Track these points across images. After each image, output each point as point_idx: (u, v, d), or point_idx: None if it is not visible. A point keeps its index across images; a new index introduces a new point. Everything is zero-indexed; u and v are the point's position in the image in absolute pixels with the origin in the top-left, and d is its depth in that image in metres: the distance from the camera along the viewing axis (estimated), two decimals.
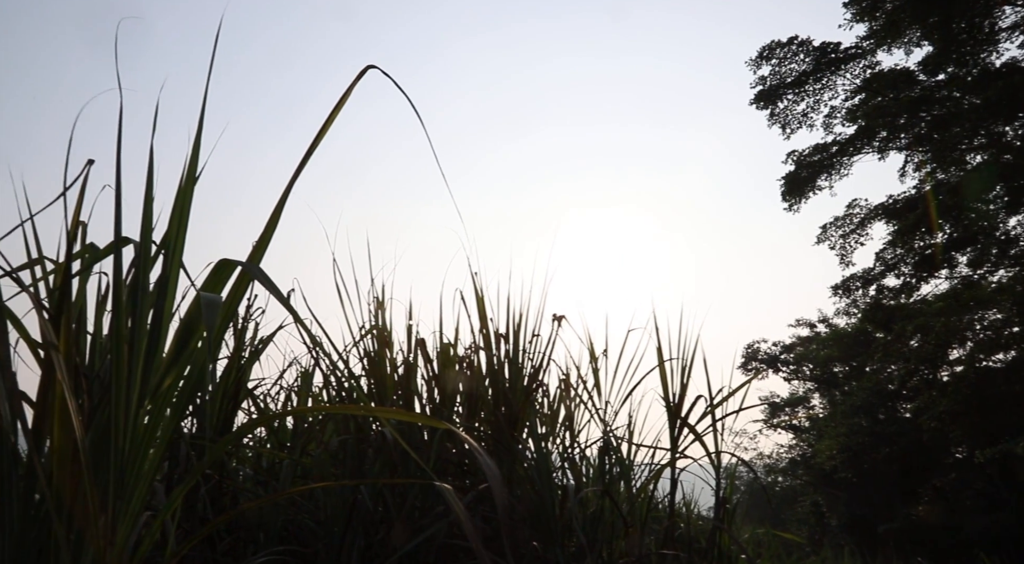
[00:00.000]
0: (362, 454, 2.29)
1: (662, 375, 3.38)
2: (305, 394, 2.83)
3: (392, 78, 0.95)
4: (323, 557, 2.15)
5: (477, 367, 2.74)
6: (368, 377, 2.50)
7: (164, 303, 1.00)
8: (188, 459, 1.77)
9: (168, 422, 1.02)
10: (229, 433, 2.42)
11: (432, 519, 2.43)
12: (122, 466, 0.98)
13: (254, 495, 2.23)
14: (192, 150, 1.03)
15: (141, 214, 1.06)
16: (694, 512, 5.26)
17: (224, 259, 1.01)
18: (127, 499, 0.98)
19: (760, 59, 15.92)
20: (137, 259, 1.05)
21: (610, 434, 3.22)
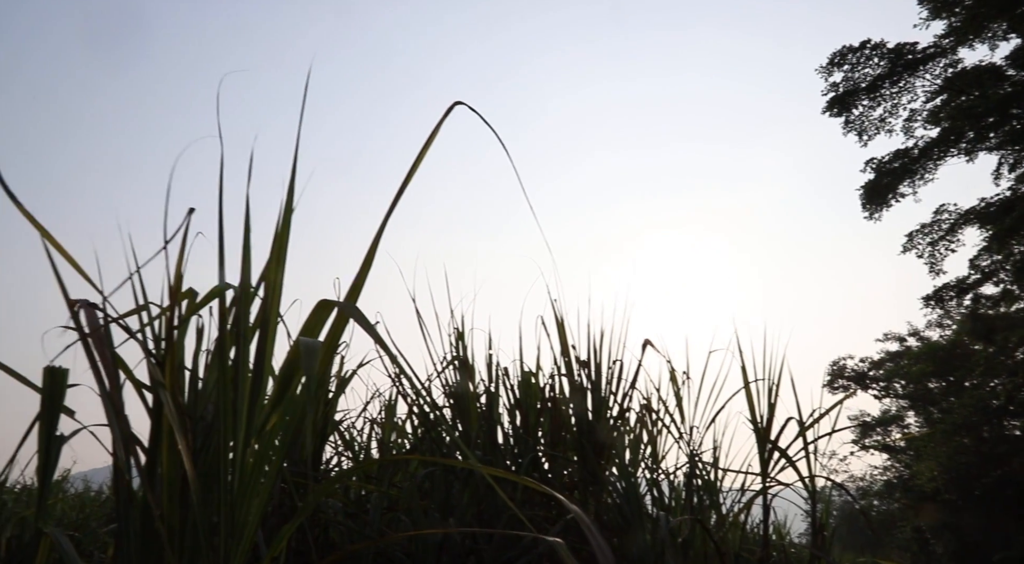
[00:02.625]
0: (448, 485, 2.29)
1: (748, 397, 3.26)
2: (389, 425, 2.86)
3: (480, 115, 0.96)
4: None
5: (560, 395, 2.71)
6: (452, 408, 2.51)
7: (265, 345, 1.03)
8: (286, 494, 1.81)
9: (275, 461, 1.05)
10: (319, 466, 2.48)
11: (520, 551, 2.40)
12: (232, 505, 1.00)
13: (345, 528, 2.26)
14: (287, 196, 1.06)
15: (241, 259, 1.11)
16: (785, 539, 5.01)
17: (323, 300, 1.04)
18: (237, 536, 1.00)
19: (831, 65, 15.42)
20: (237, 302, 1.08)
21: (696, 459, 3.12)
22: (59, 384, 1.21)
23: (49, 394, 1.20)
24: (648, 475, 3.06)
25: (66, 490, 4.50)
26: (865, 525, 15.79)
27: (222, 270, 1.08)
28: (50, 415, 1.20)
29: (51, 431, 1.20)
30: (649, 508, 2.94)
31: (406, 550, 2.36)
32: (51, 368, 1.20)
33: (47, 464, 1.20)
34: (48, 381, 1.20)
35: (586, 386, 2.71)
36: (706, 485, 3.12)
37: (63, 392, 1.22)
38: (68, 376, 1.23)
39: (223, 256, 1.08)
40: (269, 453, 1.05)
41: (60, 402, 1.21)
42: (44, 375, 1.20)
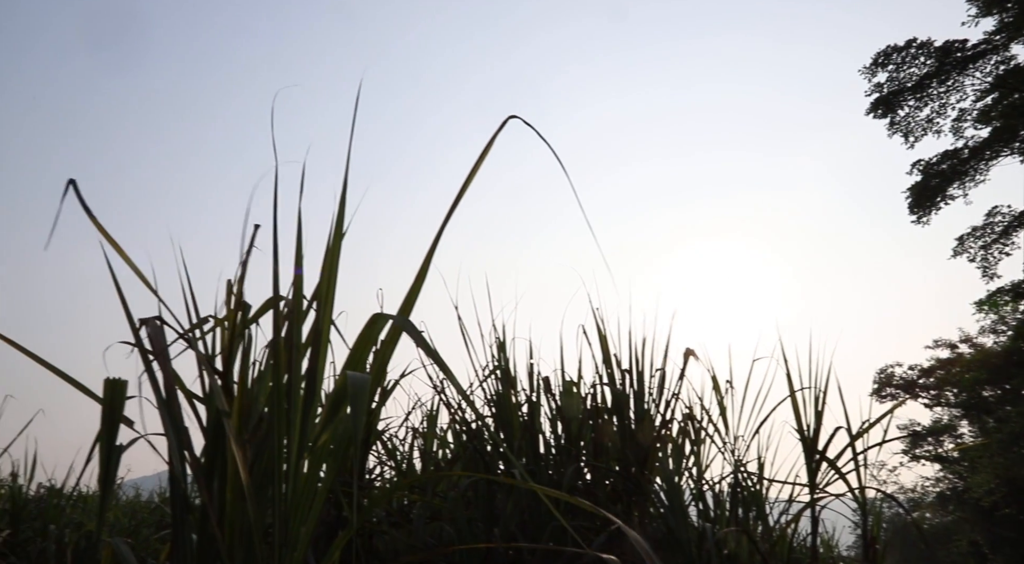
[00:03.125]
0: (491, 495, 2.29)
1: (794, 406, 3.19)
2: (431, 435, 2.88)
3: (536, 130, 0.96)
4: None
5: (602, 404, 2.69)
6: (494, 417, 2.51)
7: (318, 357, 1.05)
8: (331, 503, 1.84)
9: (327, 475, 1.06)
10: (363, 475, 2.50)
11: (568, 560, 2.39)
12: (286, 516, 1.02)
13: (390, 536, 2.28)
14: (338, 210, 1.09)
15: (293, 272, 1.13)
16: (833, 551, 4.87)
17: (377, 314, 1.06)
18: (291, 546, 1.02)
19: (875, 66, 15.06)
20: (290, 315, 1.11)
21: (741, 470, 3.07)
22: (119, 395, 1.25)
23: (110, 405, 1.25)
24: (692, 486, 3.01)
25: (119, 498, 4.63)
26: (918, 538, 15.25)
27: (276, 283, 1.10)
28: (110, 425, 1.24)
29: (112, 441, 1.24)
30: (693, 519, 2.89)
31: (450, 560, 2.37)
32: (112, 380, 1.24)
33: (108, 473, 1.25)
34: (108, 393, 1.25)
35: (628, 395, 2.69)
36: (751, 496, 3.07)
37: (123, 403, 1.26)
38: (127, 388, 1.28)
39: (277, 270, 1.11)
40: (322, 466, 1.07)
41: (120, 413, 1.25)
42: (105, 387, 1.25)
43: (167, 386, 1.19)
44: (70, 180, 1.23)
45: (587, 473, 2.76)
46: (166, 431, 1.29)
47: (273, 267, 1.14)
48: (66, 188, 1.24)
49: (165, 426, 1.29)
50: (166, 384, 1.23)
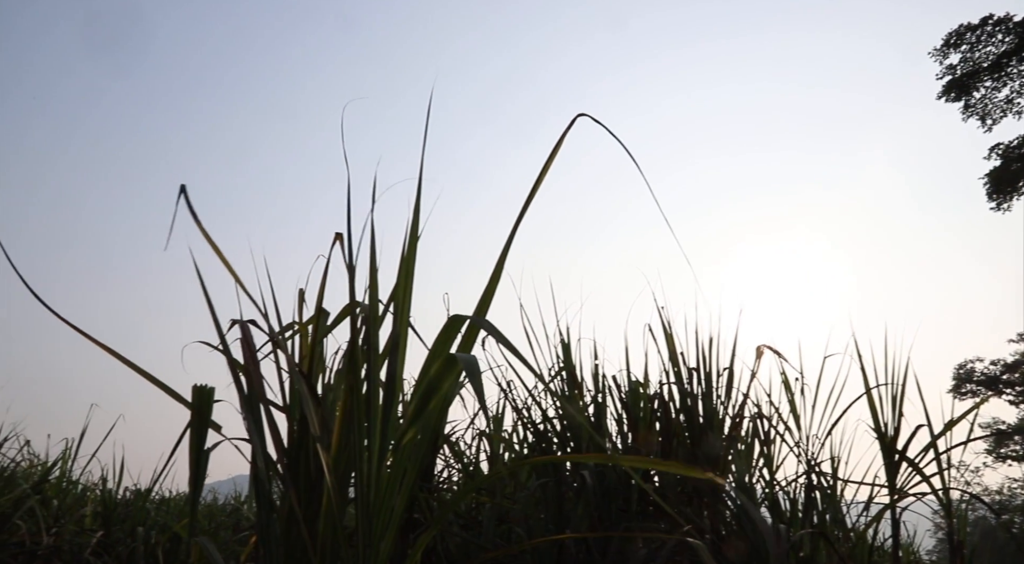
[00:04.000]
0: (561, 497, 2.29)
1: (871, 404, 3.08)
2: (498, 437, 2.90)
3: (606, 127, 0.96)
4: None
5: (670, 404, 2.66)
6: (560, 419, 2.51)
7: (397, 361, 1.07)
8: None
9: (410, 473, 1.08)
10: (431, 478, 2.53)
11: (636, 563, 2.37)
12: (369, 517, 1.05)
13: (460, 539, 2.30)
14: (412, 216, 1.11)
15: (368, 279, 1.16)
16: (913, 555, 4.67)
17: (455, 315, 1.07)
18: (375, 547, 1.04)
19: (947, 47, 14.36)
20: (367, 320, 1.13)
21: (815, 470, 2.98)
22: (207, 401, 1.30)
23: (198, 410, 1.30)
24: (763, 487, 2.94)
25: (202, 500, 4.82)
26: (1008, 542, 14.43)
27: (352, 289, 1.13)
28: (199, 430, 1.30)
29: (200, 445, 1.30)
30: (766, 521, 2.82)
31: (522, 561, 2.37)
32: (199, 387, 1.29)
33: (197, 476, 1.30)
34: (197, 399, 1.30)
35: (696, 394, 2.65)
36: (827, 498, 2.97)
37: (210, 408, 1.32)
38: (214, 394, 1.33)
39: (353, 277, 1.14)
40: (405, 467, 1.09)
41: (208, 418, 1.31)
42: (193, 393, 1.31)
43: (256, 388, 1.24)
44: (182, 186, 1.29)
45: (655, 476, 2.73)
46: (250, 435, 1.34)
47: (349, 273, 1.17)
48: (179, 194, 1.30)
49: (249, 430, 1.33)
50: (255, 387, 1.28)
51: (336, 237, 1.28)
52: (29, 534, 2.80)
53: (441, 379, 1.05)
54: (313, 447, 1.28)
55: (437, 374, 1.05)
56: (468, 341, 1.10)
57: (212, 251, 1.32)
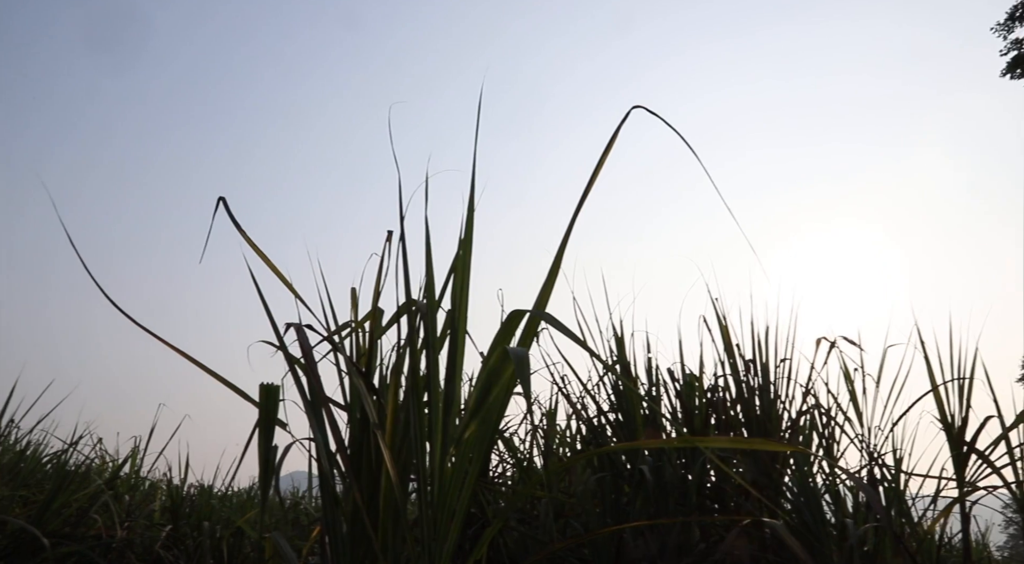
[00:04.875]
0: (619, 490, 2.28)
1: (936, 395, 2.98)
2: (552, 432, 2.90)
3: (662, 118, 0.95)
4: None
5: (724, 397, 2.62)
6: (615, 412, 2.50)
7: (456, 355, 1.08)
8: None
9: (473, 467, 1.09)
10: (486, 473, 2.55)
11: (697, 557, 2.34)
12: (434, 511, 1.06)
13: (519, 533, 2.31)
14: (467, 213, 1.11)
15: (424, 277, 1.17)
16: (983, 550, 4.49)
17: (516, 310, 1.08)
18: (440, 540, 1.05)
19: (1012, 20, 13.66)
20: (424, 317, 1.15)
21: (878, 463, 2.89)
22: (273, 400, 1.34)
23: (265, 409, 1.34)
24: (823, 479, 2.88)
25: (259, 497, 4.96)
26: None
27: (408, 288, 1.15)
28: (267, 428, 1.34)
29: (269, 441, 1.34)
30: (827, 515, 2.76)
31: (579, 555, 2.38)
32: (266, 385, 1.33)
33: (267, 471, 1.34)
34: (264, 397, 1.34)
35: (753, 386, 2.60)
36: (891, 491, 2.89)
37: (276, 406, 1.35)
38: (279, 392, 1.37)
39: (408, 275, 1.15)
40: (468, 461, 1.10)
41: (275, 416, 1.34)
42: (260, 392, 1.34)
43: (315, 387, 1.27)
44: (220, 198, 1.33)
45: (711, 470, 2.69)
46: (313, 433, 1.37)
47: (404, 271, 1.18)
48: (216, 205, 1.34)
49: (312, 428, 1.37)
50: (314, 386, 1.30)
51: (388, 235, 1.30)
52: (105, 527, 2.93)
53: (501, 372, 1.05)
54: (374, 443, 1.31)
55: (496, 367, 1.05)
56: (528, 335, 1.11)
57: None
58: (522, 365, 0.89)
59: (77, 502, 2.99)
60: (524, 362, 0.90)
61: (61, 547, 2.71)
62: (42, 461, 3.45)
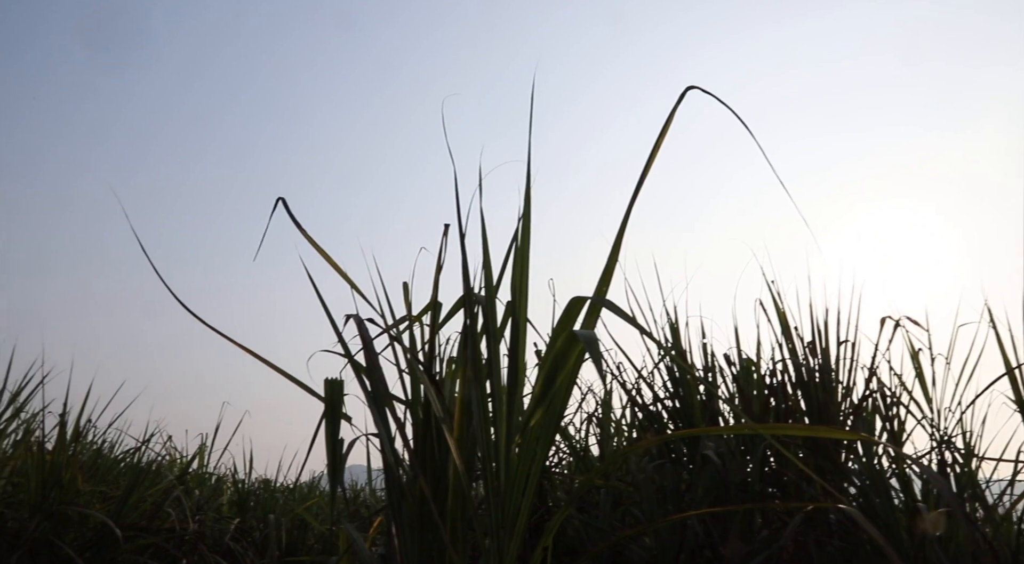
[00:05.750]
0: (679, 477, 2.26)
1: (1011, 376, 2.86)
2: (607, 420, 2.89)
3: (719, 98, 0.94)
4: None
5: (784, 381, 2.57)
6: (671, 399, 2.48)
7: (519, 344, 1.08)
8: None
9: (540, 454, 1.10)
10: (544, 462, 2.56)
11: (760, 544, 2.31)
12: (501, 499, 1.07)
13: (579, 521, 2.32)
14: (524, 203, 1.12)
15: (482, 267, 1.18)
16: None
17: (576, 297, 1.08)
18: (509, 528, 1.06)
19: None
20: (485, 308, 1.15)
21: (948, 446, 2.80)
22: (338, 394, 1.37)
23: (330, 403, 1.37)
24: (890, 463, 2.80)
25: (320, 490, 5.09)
26: None
27: (467, 278, 1.16)
28: (333, 421, 1.37)
29: (335, 434, 1.37)
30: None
31: (640, 543, 2.37)
32: (331, 380, 1.36)
33: (335, 463, 1.37)
34: (329, 391, 1.37)
35: (814, 369, 2.54)
36: (964, 475, 2.79)
37: (341, 400, 1.38)
38: (343, 387, 1.40)
39: (467, 266, 1.16)
40: (534, 448, 1.11)
41: (340, 409, 1.38)
42: (325, 386, 1.38)
43: (377, 381, 1.29)
44: (279, 198, 1.36)
45: (770, 457, 2.65)
46: (377, 426, 1.40)
47: (463, 263, 1.19)
48: (275, 205, 1.37)
49: (376, 421, 1.39)
50: (376, 379, 1.33)
51: (445, 227, 1.31)
52: (178, 521, 3.05)
53: (566, 356, 1.06)
54: (437, 434, 1.33)
55: (561, 352, 1.06)
56: (590, 322, 1.10)
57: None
58: (593, 346, 0.89)
59: (152, 497, 3.12)
60: (594, 343, 0.90)
61: (139, 539, 2.84)
62: (117, 459, 3.60)
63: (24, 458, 2.72)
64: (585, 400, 3.00)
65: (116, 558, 2.78)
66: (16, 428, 2.92)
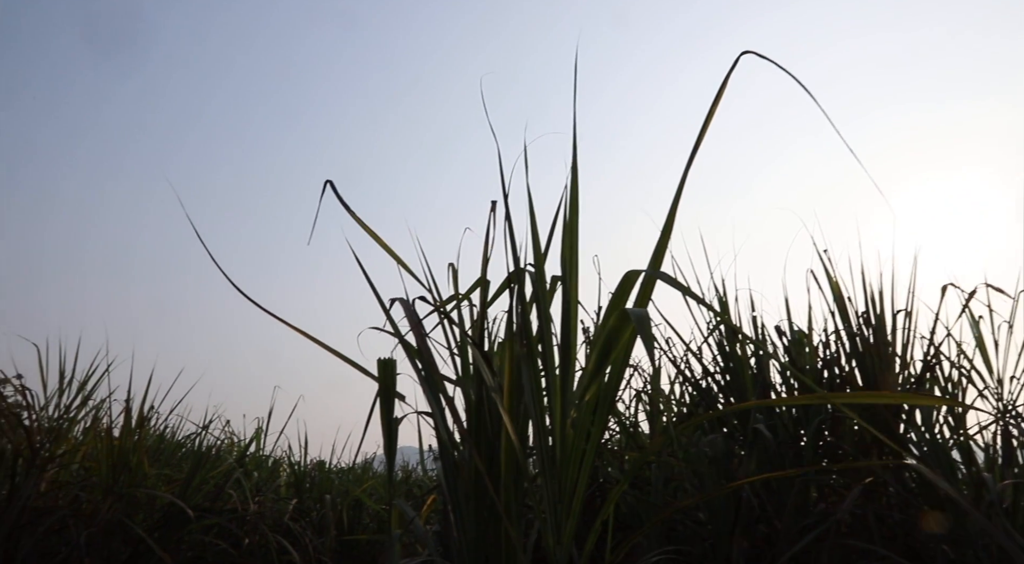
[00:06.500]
0: (730, 452, 2.24)
1: None
2: (656, 396, 2.87)
3: (776, 63, 0.91)
4: (710, 558, 2.14)
5: (837, 352, 2.51)
6: (722, 374, 2.45)
7: (570, 321, 1.08)
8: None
9: (595, 430, 1.10)
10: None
11: (817, 517, 2.28)
12: (557, 474, 1.08)
13: (632, 497, 2.32)
14: (571, 176, 1.11)
15: (531, 244, 1.17)
16: None
17: (631, 271, 1.07)
18: (566, 503, 1.07)
19: None
20: (535, 283, 1.15)
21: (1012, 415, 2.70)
22: (391, 374, 1.39)
23: (384, 383, 1.39)
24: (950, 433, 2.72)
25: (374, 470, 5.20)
26: None
27: (515, 254, 1.16)
28: (387, 401, 1.39)
29: (390, 414, 1.39)
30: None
31: (694, 518, 2.36)
32: (384, 360, 1.38)
33: (390, 443, 1.40)
34: (382, 372, 1.39)
35: (869, 339, 2.48)
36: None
37: (395, 380, 1.40)
38: (396, 366, 1.42)
39: (515, 242, 1.16)
40: (590, 422, 1.11)
41: (394, 389, 1.40)
42: (379, 366, 1.40)
43: (430, 368, 1.30)
44: (327, 181, 1.38)
45: (825, 430, 2.61)
46: (430, 404, 1.41)
47: (510, 241, 1.19)
48: (324, 188, 1.39)
49: (428, 399, 1.41)
50: (426, 358, 1.34)
51: (492, 205, 1.31)
52: (239, 501, 3.15)
53: (619, 332, 1.05)
54: (490, 410, 1.33)
55: (615, 328, 1.05)
56: (644, 296, 1.10)
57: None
58: (644, 324, 0.88)
59: (213, 479, 3.23)
60: (645, 321, 0.89)
61: (203, 520, 2.95)
62: (179, 443, 3.74)
63: (94, 444, 2.84)
64: (633, 377, 2.99)
65: (183, 537, 2.89)
66: (85, 415, 3.05)
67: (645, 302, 1.09)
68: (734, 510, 2.02)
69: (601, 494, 2.40)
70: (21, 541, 2.27)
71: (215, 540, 3.03)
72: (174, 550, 2.79)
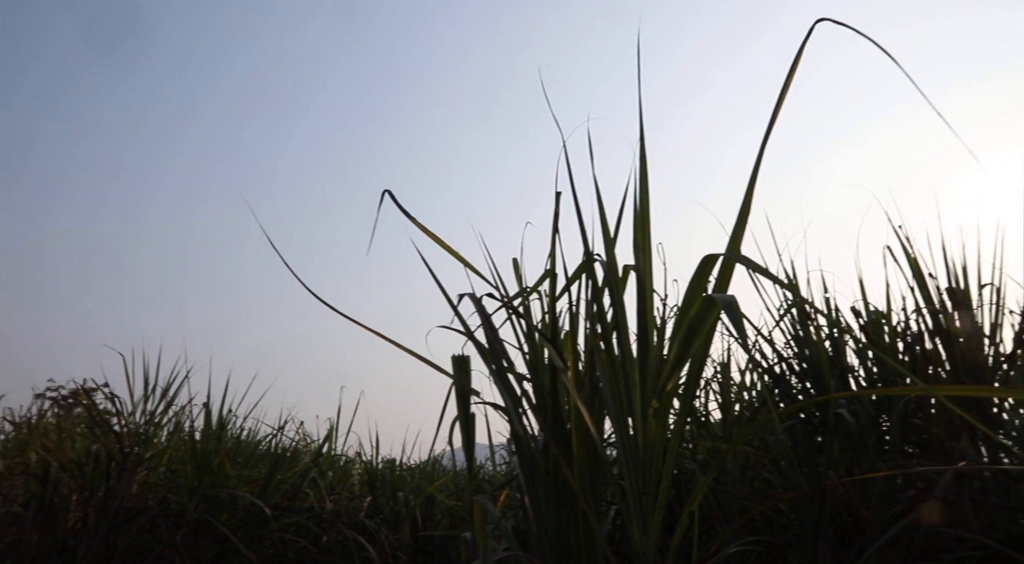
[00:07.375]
0: (810, 440, 2.17)
1: None
2: (727, 382, 2.81)
3: (854, 28, 0.87)
4: (794, 547, 2.08)
5: (920, 332, 2.40)
6: (797, 359, 2.37)
7: (646, 310, 1.06)
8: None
9: (678, 419, 1.08)
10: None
11: (904, 504, 2.18)
12: (640, 465, 1.06)
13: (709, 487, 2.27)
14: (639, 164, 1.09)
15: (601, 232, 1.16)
16: None
17: (709, 255, 1.04)
18: (652, 493, 1.05)
19: None
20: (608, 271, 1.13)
21: None
22: (466, 370, 1.40)
23: (460, 379, 1.40)
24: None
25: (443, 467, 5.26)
26: None
27: (586, 245, 1.14)
28: (463, 397, 1.40)
29: (466, 410, 1.40)
30: None
31: (775, 508, 2.30)
32: (458, 357, 1.39)
33: (468, 437, 1.41)
34: (457, 368, 1.40)
35: (953, 316, 2.36)
36: None
37: (470, 377, 1.41)
38: (470, 362, 1.42)
39: (584, 233, 1.14)
40: (672, 410, 1.09)
41: (468, 385, 1.40)
42: (453, 364, 1.41)
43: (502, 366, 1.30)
44: (385, 190, 1.39)
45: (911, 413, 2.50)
46: (504, 399, 1.41)
47: (581, 230, 1.18)
48: (382, 197, 1.40)
49: (502, 394, 1.41)
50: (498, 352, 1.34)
51: (557, 196, 1.30)
52: (316, 500, 3.24)
53: (702, 319, 1.02)
54: (566, 403, 1.32)
55: (698, 315, 1.02)
56: (723, 280, 1.07)
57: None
58: (733, 310, 0.86)
59: (290, 479, 3.32)
60: (735, 307, 0.86)
61: (283, 518, 3.04)
62: (256, 444, 3.86)
63: (179, 447, 2.96)
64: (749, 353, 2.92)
65: (265, 535, 2.98)
66: (168, 420, 3.18)
67: (725, 287, 1.06)
68: (818, 500, 1.95)
69: (675, 485, 2.36)
70: (118, 539, 2.39)
71: (295, 538, 3.12)
72: (257, 548, 2.88)
